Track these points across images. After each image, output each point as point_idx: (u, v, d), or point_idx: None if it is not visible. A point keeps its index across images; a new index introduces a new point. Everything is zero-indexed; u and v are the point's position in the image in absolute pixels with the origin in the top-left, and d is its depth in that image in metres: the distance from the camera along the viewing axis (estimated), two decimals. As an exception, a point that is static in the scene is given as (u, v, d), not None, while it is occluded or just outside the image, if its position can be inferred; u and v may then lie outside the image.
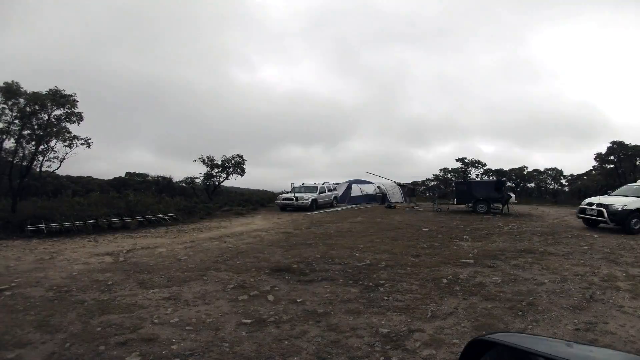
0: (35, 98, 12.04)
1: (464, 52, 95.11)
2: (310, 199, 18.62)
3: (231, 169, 23.56)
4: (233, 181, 24.29)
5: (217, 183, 23.78)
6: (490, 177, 29.99)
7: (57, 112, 12.84)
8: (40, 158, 13.45)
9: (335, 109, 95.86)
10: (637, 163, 25.30)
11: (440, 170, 36.21)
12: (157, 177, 28.23)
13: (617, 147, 25.95)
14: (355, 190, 25.00)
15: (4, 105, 11.78)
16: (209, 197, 22.22)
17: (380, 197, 23.76)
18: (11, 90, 11.66)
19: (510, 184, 30.25)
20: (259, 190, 29.11)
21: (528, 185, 33.64)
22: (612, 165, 27.14)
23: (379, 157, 63.46)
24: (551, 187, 32.90)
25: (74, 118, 13.16)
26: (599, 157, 28.37)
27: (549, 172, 33.16)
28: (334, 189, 22.64)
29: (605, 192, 13.73)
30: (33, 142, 12.65)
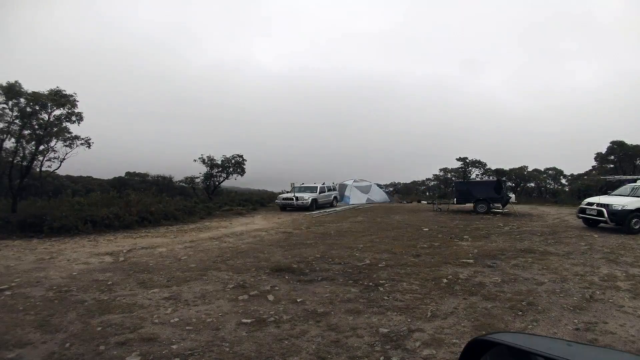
0: (36, 98, 12.04)
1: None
2: (310, 198, 18.62)
3: (231, 169, 23.56)
4: (233, 181, 24.33)
5: (217, 183, 23.78)
6: (490, 177, 29.96)
7: (57, 112, 12.86)
8: (40, 158, 13.43)
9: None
10: (637, 163, 25.29)
11: (440, 170, 36.20)
12: (157, 176, 28.27)
13: (617, 147, 25.96)
14: (355, 190, 25.01)
15: (5, 105, 11.78)
16: (209, 197, 22.22)
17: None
18: (13, 90, 11.65)
19: (510, 184, 30.21)
20: (259, 190, 29.11)
21: (528, 185, 33.59)
22: (612, 165, 27.15)
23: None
24: (551, 186, 32.86)
25: (74, 118, 13.17)
26: (598, 156, 28.38)
27: (549, 171, 33.15)
28: (334, 189, 22.64)
29: (605, 192, 13.74)
30: (33, 142, 12.65)
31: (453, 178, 32.85)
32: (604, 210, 10.35)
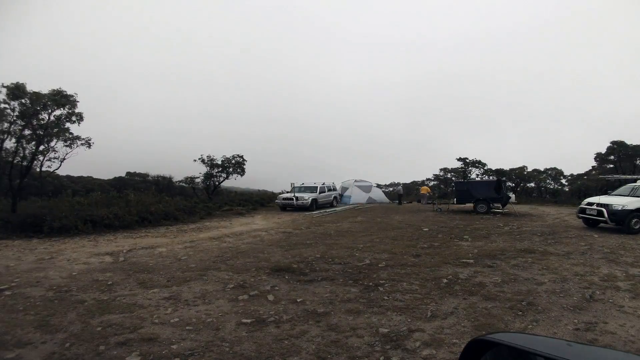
0: (37, 98, 12.05)
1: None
2: (310, 198, 18.62)
3: (231, 169, 23.56)
4: (233, 181, 24.32)
5: (217, 183, 23.78)
6: (490, 177, 29.94)
7: (58, 112, 12.86)
8: (41, 158, 13.44)
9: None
10: (637, 163, 25.29)
11: (441, 170, 36.21)
12: (157, 176, 28.29)
13: (617, 147, 25.96)
14: (355, 190, 25.03)
15: (6, 105, 11.79)
16: (209, 197, 22.22)
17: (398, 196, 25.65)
18: (20, 90, 11.68)
19: (510, 184, 30.21)
20: (258, 190, 29.10)
21: (528, 185, 33.58)
22: (612, 165, 27.16)
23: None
24: (551, 186, 32.85)
25: (74, 118, 13.17)
26: (598, 156, 28.40)
27: (549, 171, 33.14)
28: (334, 189, 22.65)
29: (605, 192, 13.74)
30: (33, 142, 12.65)
31: (453, 178, 32.86)
32: (604, 210, 10.36)
